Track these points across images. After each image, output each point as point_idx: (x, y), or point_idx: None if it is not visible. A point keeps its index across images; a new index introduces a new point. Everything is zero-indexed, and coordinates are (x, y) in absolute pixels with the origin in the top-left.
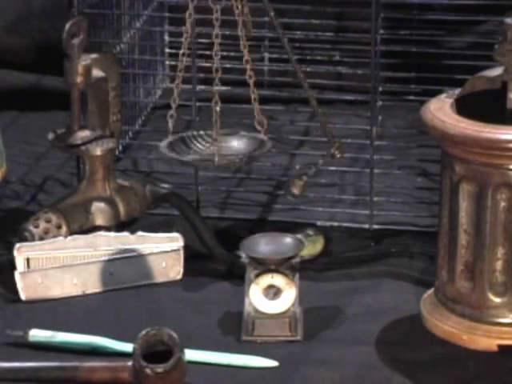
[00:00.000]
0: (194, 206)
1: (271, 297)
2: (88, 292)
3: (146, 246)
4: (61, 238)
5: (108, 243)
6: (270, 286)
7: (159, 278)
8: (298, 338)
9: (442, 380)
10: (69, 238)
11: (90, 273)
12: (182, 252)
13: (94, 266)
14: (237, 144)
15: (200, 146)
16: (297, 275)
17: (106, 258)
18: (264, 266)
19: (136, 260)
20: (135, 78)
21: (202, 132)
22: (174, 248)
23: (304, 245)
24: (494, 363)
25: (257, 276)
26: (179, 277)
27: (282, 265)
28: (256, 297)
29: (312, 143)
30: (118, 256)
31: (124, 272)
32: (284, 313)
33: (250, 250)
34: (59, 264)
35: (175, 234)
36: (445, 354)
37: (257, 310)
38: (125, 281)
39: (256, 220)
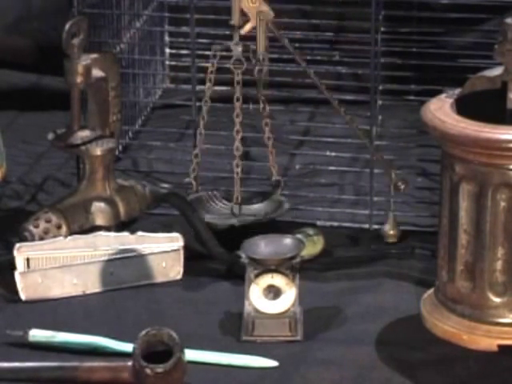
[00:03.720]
0: (194, 206)
1: (271, 297)
2: (88, 292)
3: (146, 246)
4: (61, 238)
5: (108, 243)
6: (270, 286)
7: (159, 278)
8: (298, 338)
9: (442, 380)
10: (69, 237)
11: (89, 273)
12: (181, 252)
13: (93, 266)
14: (256, 205)
15: (217, 206)
16: (297, 275)
17: (105, 257)
18: (264, 266)
19: (136, 260)
20: (135, 78)
21: (216, 192)
22: (174, 248)
23: (304, 245)
24: (494, 363)
25: (257, 276)
26: (179, 277)
27: (282, 265)
28: (256, 297)
29: (312, 143)
30: (117, 256)
31: (124, 272)
32: (284, 313)
33: (250, 251)
34: (59, 264)
35: (175, 234)
36: (445, 353)
37: (257, 310)
38: (125, 281)
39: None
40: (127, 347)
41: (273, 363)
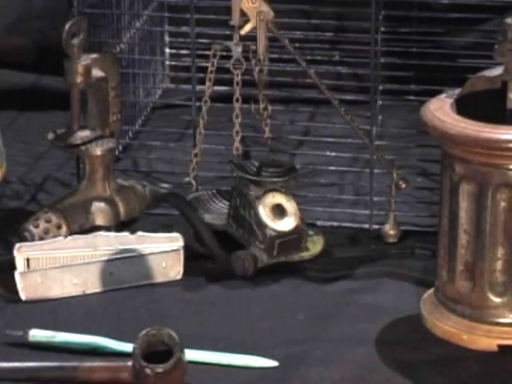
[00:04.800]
0: (194, 206)
1: (279, 216)
2: (88, 292)
3: (146, 246)
4: (61, 237)
5: (108, 243)
6: (276, 206)
7: (159, 278)
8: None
9: (442, 380)
10: (69, 237)
11: (90, 273)
12: (181, 252)
13: (93, 265)
14: None
15: (217, 206)
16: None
17: (105, 257)
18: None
19: (136, 260)
20: (135, 78)
21: (215, 191)
22: (174, 248)
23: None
24: (494, 363)
25: (262, 196)
26: (179, 277)
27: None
28: (269, 219)
29: (312, 143)
30: (118, 256)
31: (124, 272)
32: (295, 229)
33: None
34: (59, 264)
35: (175, 234)
36: (445, 353)
37: (274, 230)
38: (125, 281)
39: None
40: (127, 347)
41: (273, 363)
